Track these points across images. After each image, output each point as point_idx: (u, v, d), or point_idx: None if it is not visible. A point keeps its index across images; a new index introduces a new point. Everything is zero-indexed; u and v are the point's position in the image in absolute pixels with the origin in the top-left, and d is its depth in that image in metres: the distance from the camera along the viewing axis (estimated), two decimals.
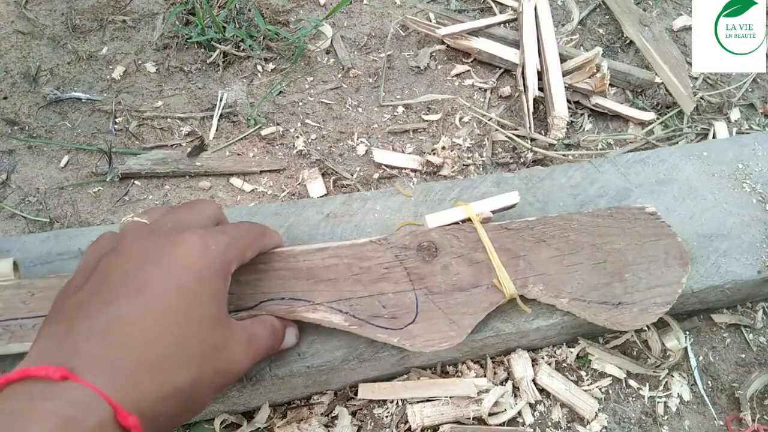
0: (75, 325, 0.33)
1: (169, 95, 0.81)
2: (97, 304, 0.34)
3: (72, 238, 0.58)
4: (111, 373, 0.31)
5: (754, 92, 0.88)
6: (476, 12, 0.94)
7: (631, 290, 0.53)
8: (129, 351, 0.32)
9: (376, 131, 0.79)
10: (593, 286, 0.52)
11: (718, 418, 0.59)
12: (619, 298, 0.52)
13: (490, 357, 0.58)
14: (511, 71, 0.86)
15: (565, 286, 0.52)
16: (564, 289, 0.52)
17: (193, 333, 0.35)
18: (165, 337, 0.34)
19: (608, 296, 0.52)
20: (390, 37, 0.88)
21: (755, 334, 0.64)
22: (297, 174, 0.75)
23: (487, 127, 0.80)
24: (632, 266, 0.53)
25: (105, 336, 0.32)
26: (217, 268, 0.38)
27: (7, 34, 0.85)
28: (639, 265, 0.53)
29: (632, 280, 0.53)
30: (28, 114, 0.78)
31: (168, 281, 0.35)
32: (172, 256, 0.36)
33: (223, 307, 0.38)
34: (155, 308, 0.34)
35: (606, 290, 0.52)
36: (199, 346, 0.35)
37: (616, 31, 0.94)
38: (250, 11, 0.87)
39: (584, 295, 0.52)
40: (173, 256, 0.36)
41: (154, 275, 0.35)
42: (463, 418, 0.55)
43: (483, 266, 0.52)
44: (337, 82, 0.84)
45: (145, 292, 0.34)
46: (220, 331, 0.37)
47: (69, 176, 0.73)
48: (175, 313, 0.35)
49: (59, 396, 0.30)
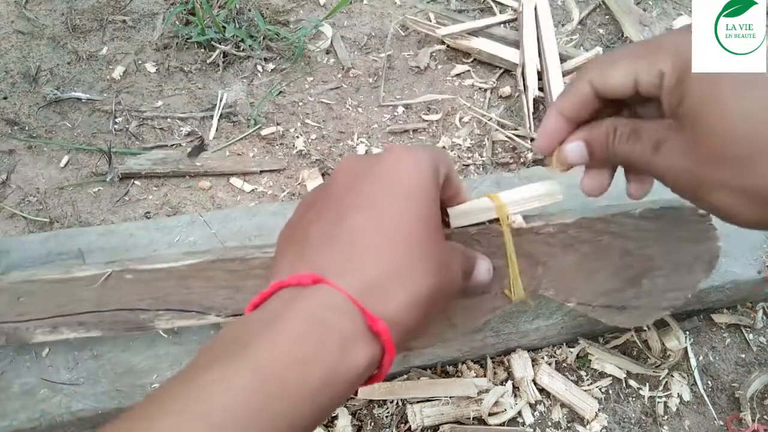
0: (314, 241, 0.33)
1: (169, 95, 0.81)
2: (331, 222, 0.34)
3: (72, 238, 0.58)
4: (359, 277, 0.31)
5: None
6: (476, 12, 0.94)
7: (642, 295, 0.51)
8: (374, 257, 0.32)
9: (376, 131, 0.79)
10: (605, 291, 0.51)
11: (718, 418, 0.59)
12: (625, 303, 0.51)
13: (490, 357, 0.58)
14: (511, 71, 0.86)
15: (576, 291, 0.50)
16: (574, 294, 0.50)
17: (426, 241, 0.34)
18: (406, 244, 0.33)
19: (615, 301, 0.51)
20: (390, 37, 0.88)
21: (755, 334, 0.64)
22: (297, 174, 0.75)
23: (487, 127, 0.80)
24: (654, 272, 0.51)
25: (350, 243, 0.32)
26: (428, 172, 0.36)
27: (7, 34, 0.85)
28: (661, 271, 0.51)
29: (647, 285, 0.51)
30: (28, 114, 0.78)
31: (392, 191, 0.34)
32: (387, 170, 0.35)
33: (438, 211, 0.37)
34: (389, 217, 0.33)
35: (615, 295, 0.51)
36: (435, 255, 0.34)
37: (616, 31, 0.94)
38: (250, 11, 0.87)
39: (592, 301, 0.50)
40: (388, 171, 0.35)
41: (376, 188, 0.35)
42: (463, 418, 0.55)
43: (498, 273, 0.47)
44: (337, 82, 0.84)
45: (376, 205, 0.34)
46: (442, 236, 0.37)
47: (69, 176, 0.73)
48: (409, 220, 0.34)
49: (311, 297, 0.30)
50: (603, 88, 0.36)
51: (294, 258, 0.34)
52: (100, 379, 0.52)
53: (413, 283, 0.32)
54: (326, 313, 0.29)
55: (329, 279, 0.30)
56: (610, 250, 0.50)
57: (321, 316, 0.29)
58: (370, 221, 0.33)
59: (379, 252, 0.32)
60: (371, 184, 0.35)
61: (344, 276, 0.31)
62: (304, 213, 0.37)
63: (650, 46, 0.35)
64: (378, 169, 0.36)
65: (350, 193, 0.35)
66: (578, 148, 0.39)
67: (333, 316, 0.29)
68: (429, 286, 0.33)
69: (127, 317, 0.49)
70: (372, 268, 0.32)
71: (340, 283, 0.30)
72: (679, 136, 0.34)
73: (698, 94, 0.32)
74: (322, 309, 0.29)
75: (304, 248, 0.33)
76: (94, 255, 0.56)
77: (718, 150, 0.32)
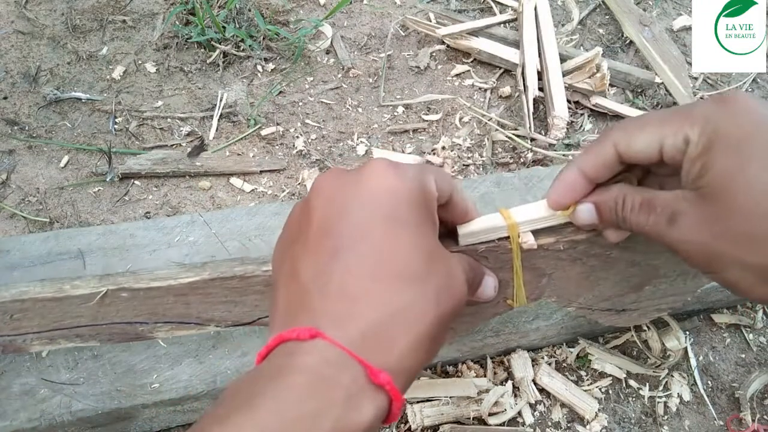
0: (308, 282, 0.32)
1: (169, 95, 0.81)
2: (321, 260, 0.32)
3: (72, 238, 0.58)
4: (356, 328, 0.30)
5: (754, 92, 0.88)
6: (476, 12, 0.94)
7: (642, 299, 0.51)
8: (370, 302, 0.31)
9: (376, 131, 0.79)
10: (606, 297, 0.50)
11: (718, 418, 0.59)
12: (625, 306, 0.51)
13: (490, 357, 0.58)
14: (511, 71, 0.86)
15: (578, 298, 0.50)
16: (576, 300, 0.50)
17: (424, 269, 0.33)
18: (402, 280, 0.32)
19: (616, 305, 0.51)
20: (390, 37, 0.88)
21: (755, 334, 0.64)
22: (297, 174, 0.75)
23: (487, 127, 0.80)
24: (657, 279, 0.50)
25: (343, 290, 0.31)
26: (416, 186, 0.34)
27: (7, 34, 0.85)
28: (665, 278, 0.50)
29: (649, 291, 0.50)
30: (28, 114, 0.78)
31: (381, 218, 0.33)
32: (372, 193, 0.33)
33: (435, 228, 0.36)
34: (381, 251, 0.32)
35: (616, 300, 0.50)
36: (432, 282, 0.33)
37: (616, 31, 0.94)
38: (250, 11, 0.87)
39: (593, 305, 0.50)
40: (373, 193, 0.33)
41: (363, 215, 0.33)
42: (463, 418, 0.55)
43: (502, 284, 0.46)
44: (337, 82, 0.84)
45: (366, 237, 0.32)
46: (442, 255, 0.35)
47: (69, 176, 0.73)
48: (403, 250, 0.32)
49: (312, 353, 0.29)
50: (627, 152, 0.36)
51: (291, 300, 0.33)
52: (100, 379, 0.52)
53: (414, 322, 0.31)
54: (327, 370, 0.29)
55: (327, 333, 0.30)
56: (618, 262, 0.49)
57: (322, 372, 0.28)
58: (362, 259, 0.32)
59: (374, 295, 0.31)
60: (358, 211, 0.33)
61: (342, 328, 0.30)
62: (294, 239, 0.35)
63: (680, 112, 0.35)
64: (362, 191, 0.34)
65: (337, 223, 0.33)
66: (588, 211, 0.39)
67: (334, 372, 0.29)
68: (432, 321, 0.32)
69: (125, 329, 0.49)
70: (369, 315, 0.31)
71: (339, 337, 0.30)
72: (696, 209, 0.33)
73: (723, 166, 0.32)
74: (323, 365, 0.29)
75: (300, 290, 0.32)
76: (94, 255, 0.56)
77: (740, 227, 0.31)
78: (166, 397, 0.52)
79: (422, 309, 0.32)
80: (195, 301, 0.48)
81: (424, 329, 0.31)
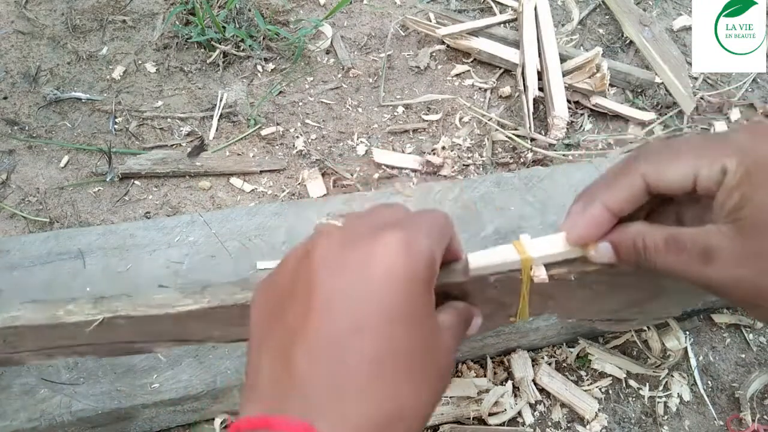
0: (301, 368, 0.30)
1: (169, 95, 0.81)
2: (320, 344, 0.30)
3: (72, 238, 0.58)
4: (352, 426, 0.29)
5: (754, 92, 0.88)
6: (476, 12, 0.94)
7: (643, 311, 0.50)
8: (366, 403, 0.29)
9: (376, 131, 0.79)
10: (606, 311, 0.49)
11: (718, 418, 0.59)
12: (625, 317, 0.50)
13: (490, 357, 0.58)
14: (511, 71, 0.86)
15: (579, 312, 0.49)
16: (576, 314, 0.49)
17: (422, 365, 0.31)
18: (399, 381, 0.30)
19: (616, 317, 0.50)
20: (390, 37, 0.88)
21: (755, 334, 0.64)
22: (297, 174, 0.75)
23: (487, 127, 0.80)
24: (662, 296, 0.49)
25: (338, 388, 0.29)
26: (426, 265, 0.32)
27: (7, 34, 0.85)
28: (670, 295, 0.49)
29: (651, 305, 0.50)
30: (28, 114, 0.78)
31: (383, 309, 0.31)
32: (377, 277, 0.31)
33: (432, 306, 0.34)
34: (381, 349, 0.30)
35: (617, 313, 0.49)
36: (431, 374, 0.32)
37: (616, 31, 0.94)
38: (250, 11, 0.87)
39: (593, 317, 0.50)
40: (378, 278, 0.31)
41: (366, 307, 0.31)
42: (463, 418, 0.55)
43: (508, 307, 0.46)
44: (337, 82, 0.84)
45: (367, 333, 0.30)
46: (438, 343, 0.33)
47: (69, 176, 0.73)
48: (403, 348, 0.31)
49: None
50: (657, 184, 0.33)
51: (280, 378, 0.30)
52: (100, 379, 0.52)
53: (411, 420, 0.30)
54: None
55: (320, 429, 0.28)
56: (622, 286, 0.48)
57: None
58: (362, 356, 0.30)
59: (372, 394, 0.29)
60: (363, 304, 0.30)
61: (339, 426, 0.29)
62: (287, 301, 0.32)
63: (715, 140, 0.33)
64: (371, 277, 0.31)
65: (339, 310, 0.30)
66: (606, 249, 0.37)
67: None
68: (427, 415, 0.31)
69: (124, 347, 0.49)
70: (366, 413, 0.29)
71: None
72: (736, 243, 0.31)
73: (765, 197, 0.30)
74: None
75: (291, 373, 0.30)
76: (94, 255, 0.56)
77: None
78: (166, 397, 0.52)
79: (419, 405, 0.31)
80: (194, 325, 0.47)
81: (417, 426, 0.30)
